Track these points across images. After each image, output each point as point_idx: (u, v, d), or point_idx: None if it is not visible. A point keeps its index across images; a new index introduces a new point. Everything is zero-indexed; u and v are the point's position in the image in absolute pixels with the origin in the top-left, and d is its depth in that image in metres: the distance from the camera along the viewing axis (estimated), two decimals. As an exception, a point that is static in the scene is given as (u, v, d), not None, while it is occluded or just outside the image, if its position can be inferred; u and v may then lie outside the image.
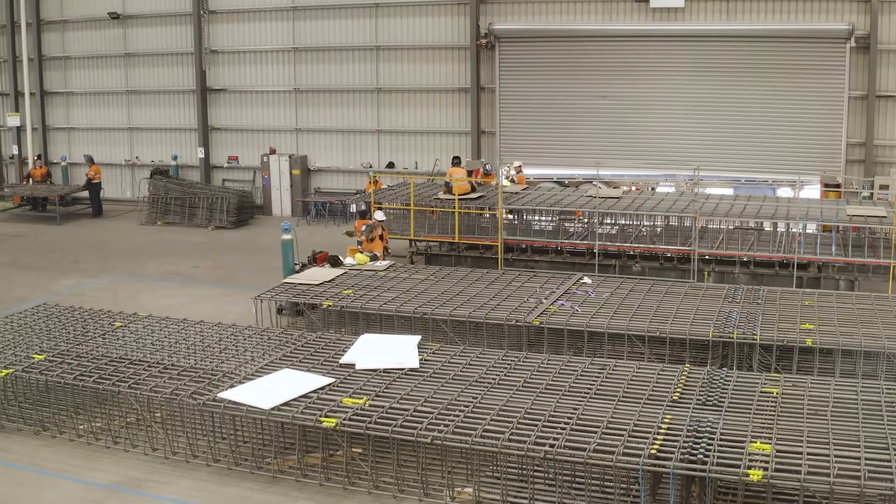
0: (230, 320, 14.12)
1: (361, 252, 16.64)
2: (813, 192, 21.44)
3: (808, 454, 8.58)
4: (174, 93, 28.32)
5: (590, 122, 23.98)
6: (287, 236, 16.37)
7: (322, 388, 10.54)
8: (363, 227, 17.21)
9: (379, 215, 17.39)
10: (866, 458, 8.48)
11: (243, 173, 27.76)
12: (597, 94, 23.70)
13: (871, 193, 20.29)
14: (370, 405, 10.06)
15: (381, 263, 16.26)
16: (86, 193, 27.87)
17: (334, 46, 26.03)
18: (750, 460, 8.50)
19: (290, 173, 26.17)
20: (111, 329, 13.31)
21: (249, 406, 10.19)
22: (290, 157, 26.33)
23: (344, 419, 9.73)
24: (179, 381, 11.02)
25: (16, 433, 11.66)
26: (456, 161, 20.98)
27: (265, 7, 26.48)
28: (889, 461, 8.41)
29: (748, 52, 22.68)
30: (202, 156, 27.81)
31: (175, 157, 28.18)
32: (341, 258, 16.25)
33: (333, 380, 10.80)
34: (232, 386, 10.70)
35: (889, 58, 21.67)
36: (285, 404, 10.13)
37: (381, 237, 17.18)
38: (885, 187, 20.52)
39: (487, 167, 22.05)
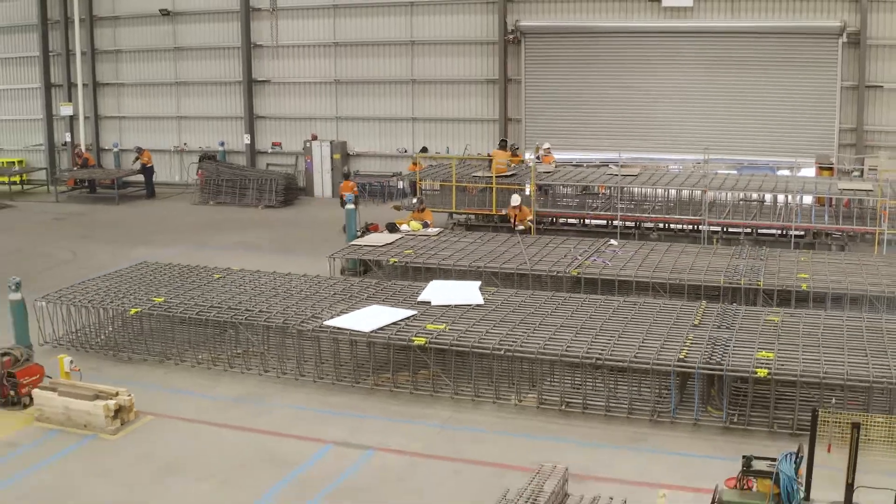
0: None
1: (414, 220, 19.01)
2: (809, 172, 23.81)
3: (803, 359, 11.00)
4: (222, 84, 30.68)
5: (607, 110, 26.32)
6: (351, 206, 18.76)
7: (407, 318, 12.92)
8: (414, 200, 19.60)
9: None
10: (849, 361, 10.91)
11: (286, 158, 30.13)
12: (614, 84, 26.05)
13: (861, 171, 22.64)
14: (449, 329, 12.45)
15: (433, 230, 18.65)
16: (137, 177, 30.16)
17: (373, 41, 28.38)
18: (757, 363, 10.90)
19: (331, 158, 28.52)
20: (211, 280, 15.70)
21: (352, 330, 12.58)
22: (331, 142, 28.68)
23: (430, 339, 12.12)
24: (286, 315, 13.41)
25: (142, 363, 14.03)
26: (502, 144, 23.52)
27: (308, 6, 28.80)
28: (867, 362, 10.84)
29: (750, 47, 25.01)
30: (248, 142, 30.19)
31: (222, 144, 30.54)
32: (398, 225, 18.64)
33: (415, 312, 13.19)
34: (332, 317, 13.09)
35: (877, 52, 24.04)
36: (380, 329, 12.52)
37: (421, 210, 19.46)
38: (873, 168, 22.86)
39: (515, 148, 24.40)
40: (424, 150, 27.51)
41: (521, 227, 19.30)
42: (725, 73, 25.28)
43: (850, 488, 9.05)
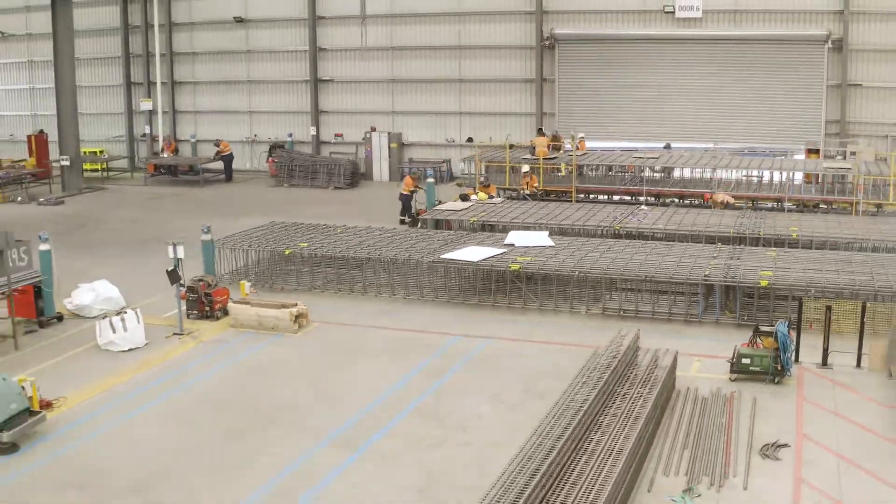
0: (406, 231, 20.95)
1: (482, 192, 23.48)
2: (800, 155, 28.33)
3: (795, 277, 15.48)
4: (290, 83, 35.16)
5: (629, 105, 30.82)
6: (430, 180, 23.23)
7: (500, 254, 17.38)
8: (482, 178, 24.12)
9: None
10: (825, 276, 15.41)
11: (347, 147, 34.59)
12: (634, 83, 30.59)
13: (844, 154, 27.18)
14: (534, 260, 16.92)
15: (497, 199, 23.12)
16: (213, 164, 34.55)
17: (425, 46, 32.88)
18: (760, 278, 15.38)
19: (388, 146, 32.98)
20: (335, 233, 20.13)
21: (463, 261, 17.04)
22: (388, 133, 33.15)
23: (522, 266, 16.59)
24: (411, 251, 17.85)
25: (292, 292, 18.44)
26: (540, 131, 28.00)
27: (369, 14, 33.22)
28: (837, 276, 15.35)
29: (750, 51, 29.53)
30: (314, 133, 34.65)
31: (290, 135, 34.99)
32: (469, 195, 23.10)
33: (505, 250, 17.65)
34: (445, 253, 17.55)
35: (857, 56, 28.58)
36: (483, 260, 16.98)
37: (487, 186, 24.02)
38: (853, 152, 27.38)
39: (557, 133, 28.84)
40: (470, 140, 31.97)
41: (528, 192, 23.74)
42: (729, 74, 29.82)
43: (825, 352, 13.63)
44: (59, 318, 16.76)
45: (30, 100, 40.75)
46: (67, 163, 32.46)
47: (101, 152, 37.90)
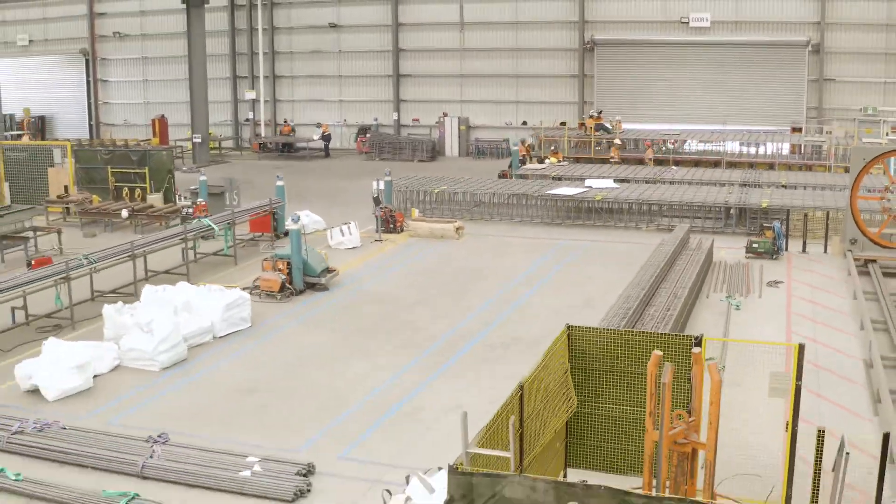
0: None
1: (553, 157, 31.65)
2: (786, 132, 36.65)
3: (783, 201, 23.68)
4: (375, 77, 43.16)
5: (653, 95, 38.97)
6: (515, 147, 31.36)
7: (584, 191, 25.50)
8: (552, 147, 32.32)
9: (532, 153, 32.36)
10: (803, 201, 23.64)
11: (423, 129, 42.63)
12: (658, 77, 38.79)
13: (821, 130, 35.51)
14: (608, 195, 25.08)
15: (564, 162, 31.31)
16: (308, 144, 42.48)
17: (490, 48, 40.94)
18: (761, 202, 23.57)
19: (458, 129, 41.03)
20: (462, 181, 28.16)
21: (562, 195, 25.17)
22: (457, 118, 41.20)
23: (603, 197, 24.76)
24: (523, 190, 25.96)
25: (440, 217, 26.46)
26: (592, 114, 36.26)
27: (443, 21, 41.26)
28: (812, 200, 23.59)
29: (747, 53, 37.75)
30: (396, 118, 42.69)
31: (375, 119, 43.00)
32: (544, 159, 31.24)
33: (586, 189, 25.79)
34: (542, 191, 25.68)
35: (831, 57, 36.85)
36: (573, 195, 25.12)
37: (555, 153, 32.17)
38: (829, 131, 35.63)
39: (601, 112, 36.99)
40: (524, 123, 40.03)
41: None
42: (732, 71, 38.02)
43: (804, 243, 21.86)
44: (286, 233, 24.70)
45: (143, 90, 48.60)
46: (199, 140, 40.33)
47: (210, 134, 45.71)
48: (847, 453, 7.96)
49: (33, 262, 19.69)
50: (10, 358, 15.04)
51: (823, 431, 8.49)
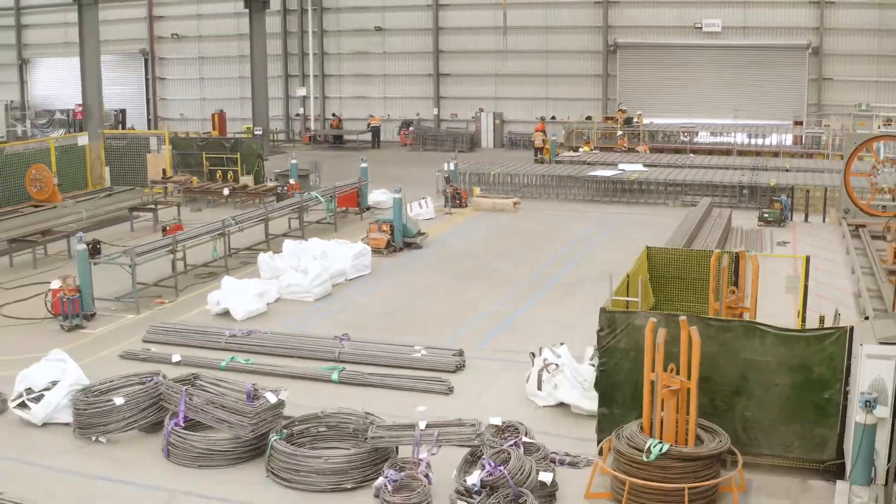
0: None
1: (586, 146, 36.17)
2: (789, 125, 41.20)
3: (788, 181, 28.20)
4: (417, 76, 47.64)
5: (670, 92, 43.46)
6: (554, 138, 35.85)
7: (618, 173, 29.99)
8: (585, 138, 36.80)
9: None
10: (804, 181, 28.16)
11: (460, 123, 47.11)
12: (674, 76, 43.30)
13: (820, 123, 40.01)
14: (640, 176, 29.57)
15: (595, 151, 35.82)
16: (358, 136, 46.96)
17: (523, 51, 45.40)
18: (770, 181, 28.08)
19: (493, 123, 45.51)
20: (508, 166, 32.66)
21: (602, 175, 29.69)
22: (493, 113, 45.68)
23: (637, 177, 29.27)
24: (566, 171, 30.48)
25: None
26: (621, 107, 40.80)
27: (478, 26, 45.69)
28: (812, 181, 28.11)
29: (754, 55, 42.24)
30: (436, 113, 47.18)
31: (417, 114, 47.48)
32: (577, 148, 35.73)
33: (620, 172, 30.26)
34: (583, 173, 30.19)
35: (829, 59, 41.35)
36: (610, 177, 29.64)
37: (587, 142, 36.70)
38: (827, 125, 40.11)
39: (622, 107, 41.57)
40: (553, 118, 44.55)
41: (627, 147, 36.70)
42: (739, 70, 42.52)
43: (806, 214, 26.43)
44: (368, 208, 29.12)
45: (199, 88, 53.06)
46: (260, 132, 44.72)
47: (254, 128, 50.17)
48: (839, 314, 12.47)
49: (168, 229, 24.17)
50: (183, 296, 19.44)
51: (824, 317, 12.97)
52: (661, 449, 9.82)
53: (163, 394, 12.39)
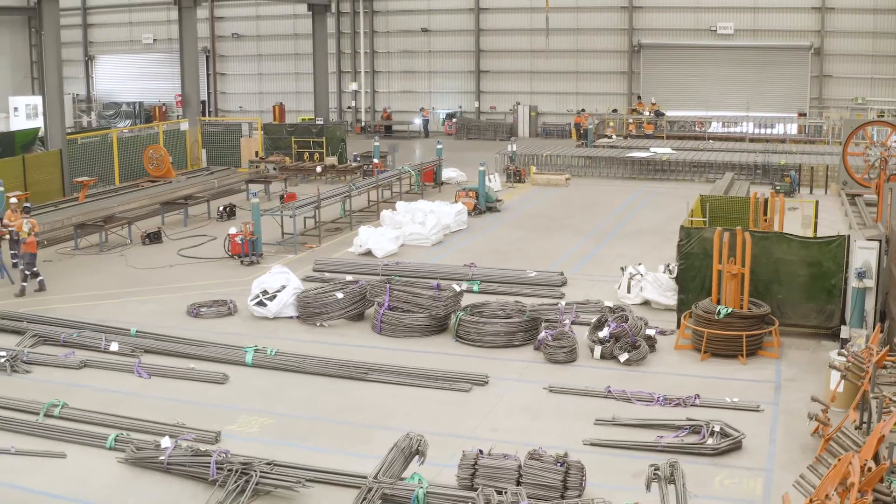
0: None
1: (613, 133, 41.70)
2: (794, 116, 46.77)
3: (795, 161, 33.74)
4: (459, 73, 53.12)
5: (688, 87, 48.95)
6: (590, 126, 41.38)
7: (651, 155, 35.50)
8: (611, 125, 42.36)
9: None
10: (807, 161, 33.73)
11: (498, 115, 52.59)
12: (692, 73, 48.79)
13: (820, 114, 45.53)
14: (670, 157, 35.10)
15: (621, 138, 41.37)
16: (408, 126, 52.38)
17: (556, 50, 50.84)
18: (780, 161, 33.61)
19: (529, 115, 51.00)
20: (555, 148, 38.18)
21: (640, 157, 35.19)
22: (528, 106, 51.17)
23: (667, 158, 34.80)
24: (608, 153, 35.99)
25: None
26: (652, 100, 46.32)
27: (515, 28, 51.16)
28: (813, 159, 33.67)
29: (763, 55, 47.73)
30: (477, 106, 52.67)
31: (460, 107, 52.95)
32: (607, 136, 41.26)
33: (652, 154, 35.78)
34: (622, 154, 35.69)
35: (830, 59, 46.87)
36: (646, 156, 35.15)
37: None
38: (827, 116, 45.59)
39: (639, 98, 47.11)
40: (583, 110, 50.09)
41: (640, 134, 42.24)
42: (750, 68, 48.01)
43: (811, 188, 32.00)
44: (442, 183, 34.51)
45: (257, 83, 58.45)
46: (321, 122, 50.09)
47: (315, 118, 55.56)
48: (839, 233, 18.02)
49: (285, 196, 29.67)
50: (323, 244, 24.89)
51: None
52: (727, 311, 15.32)
53: (369, 291, 17.85)
